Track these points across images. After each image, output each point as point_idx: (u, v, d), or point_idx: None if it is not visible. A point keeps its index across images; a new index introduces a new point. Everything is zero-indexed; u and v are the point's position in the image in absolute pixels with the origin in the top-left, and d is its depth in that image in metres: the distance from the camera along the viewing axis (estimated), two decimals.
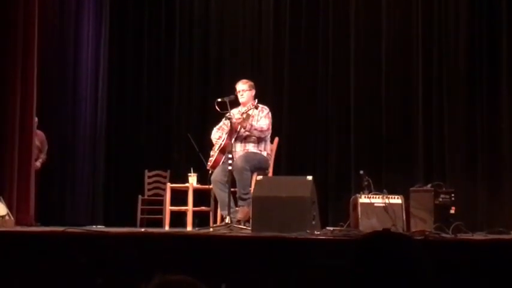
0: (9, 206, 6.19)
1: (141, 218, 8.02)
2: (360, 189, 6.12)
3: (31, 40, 6.65)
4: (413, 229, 5.61)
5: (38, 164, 7.46)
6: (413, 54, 7.86)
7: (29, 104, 6.65)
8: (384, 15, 8.01)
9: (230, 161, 6.07)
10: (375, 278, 1.61)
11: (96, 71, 8.62)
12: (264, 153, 6.42)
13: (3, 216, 6.04)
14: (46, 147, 7.69)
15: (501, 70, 7.47)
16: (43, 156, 7.64)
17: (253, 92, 6.53)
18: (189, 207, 6.62)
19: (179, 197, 6.92)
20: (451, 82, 7.69)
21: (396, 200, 5.89)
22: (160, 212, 7.68)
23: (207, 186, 6.58)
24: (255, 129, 6.32)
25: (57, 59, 8.23)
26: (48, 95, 7.76)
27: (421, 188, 6.11)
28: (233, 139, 6.27)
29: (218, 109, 6.20)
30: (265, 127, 6.36)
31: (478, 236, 5.40)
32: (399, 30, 7.97)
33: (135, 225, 7.71)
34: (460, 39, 7.73)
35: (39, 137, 7.40)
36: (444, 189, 5.98)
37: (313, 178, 5.54)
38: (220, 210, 6.29)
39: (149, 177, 8.33)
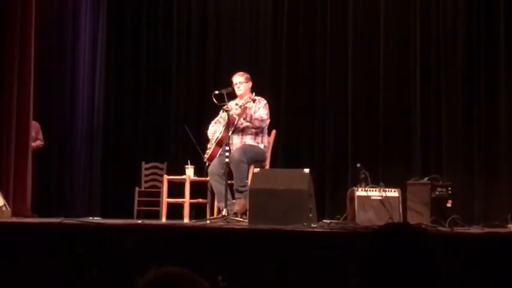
0: (6, 197, 6.18)
1: (138, 210, 8.03)
2: (357, 182, 6.12)
3: (28, 27, 6.63)
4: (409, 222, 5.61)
5: (33, 145, 7.41)
6: (411, 47, 7.83)
7: (26, 96, 6.63)
8: (382, 6, 7.99)
9: (227, 153, 6.07)
10: (392, 269, 1.61)
11: (93, 63, 8.58)
12: (261, 146, 6.42)
13: (0, 207, 6.03)
14: (41, 133, 7.62)
15: (499, 63, 7.45)
16: (38, 142, 7.59)
17: (250, 84, 6.52)
18: (186, 200, 6.61)
19: (176, 189, 6.91)
20: (448, 75, 7.68)
21: (393, 193, 5.88)
22: (157, 204, 7.68)
23: (204, 179, 6.59)
24: (256, 119, 6.31)
25: (54, 48, 8.18)
26: (45, 86, 7.74)
27: (417, 181, 6.10)
28: (230, 131, 6.26)
29: (215, 101, 6.19)
30: (265, 116, 6.37)
31: (475, 229, 5.41)
32: (398, 20, 7.95)
33: (132, 217, 7.70)
34: (458, 29, 7.71)
35: (33, 127, 7.35)
36: (441, 182, 5.98)
37: (310, 171, 5.55)
38: (217, 202, 6.29)
39: (146, 169, 8.32)
